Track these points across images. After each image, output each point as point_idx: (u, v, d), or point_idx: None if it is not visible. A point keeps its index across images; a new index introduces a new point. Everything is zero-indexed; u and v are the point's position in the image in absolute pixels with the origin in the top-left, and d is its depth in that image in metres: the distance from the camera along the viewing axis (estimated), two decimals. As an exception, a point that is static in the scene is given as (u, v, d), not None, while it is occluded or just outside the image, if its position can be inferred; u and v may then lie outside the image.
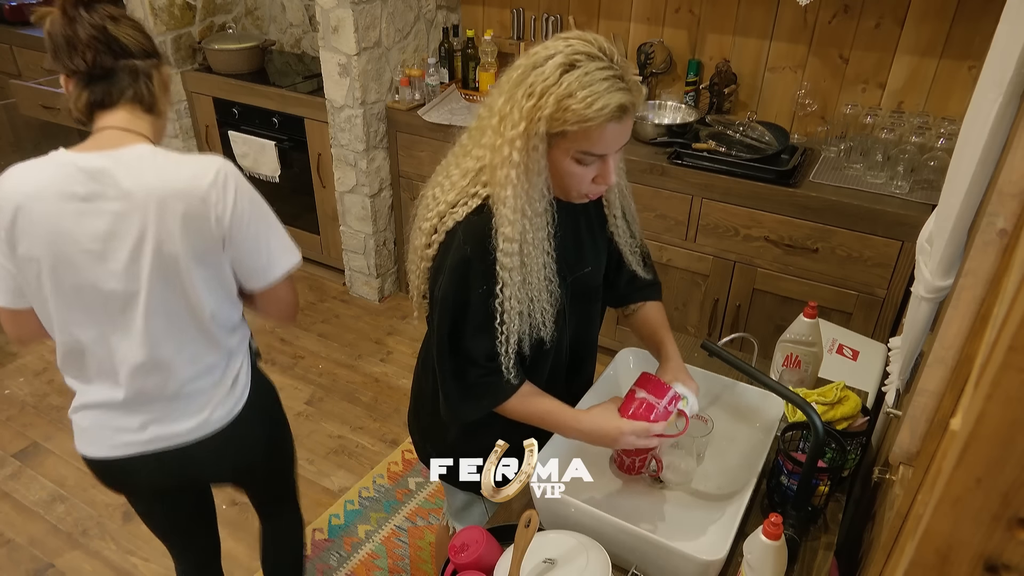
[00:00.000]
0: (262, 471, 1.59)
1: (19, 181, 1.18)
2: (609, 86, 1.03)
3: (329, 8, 2.84)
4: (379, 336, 3.25)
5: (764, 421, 1.41)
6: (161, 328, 1.27)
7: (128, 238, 1.19)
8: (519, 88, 1.06)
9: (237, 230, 1.26)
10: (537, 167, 1.09)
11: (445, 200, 1.17)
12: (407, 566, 2.19)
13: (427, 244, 1.19)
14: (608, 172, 1.12)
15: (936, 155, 2.26)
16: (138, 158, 1.21)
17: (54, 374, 2.97)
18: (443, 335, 1.19)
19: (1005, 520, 0.60)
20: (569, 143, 1.07)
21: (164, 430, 1.36)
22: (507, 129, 1.07)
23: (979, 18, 2.27)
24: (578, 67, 1.03)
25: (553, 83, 1.03)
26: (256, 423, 1.47)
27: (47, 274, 1.20)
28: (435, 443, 1.45)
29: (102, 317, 1.24)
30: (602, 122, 1.04)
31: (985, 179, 0.95)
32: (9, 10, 4.20)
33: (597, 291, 1.39)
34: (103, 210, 1.17)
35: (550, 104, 1.03)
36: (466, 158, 1.18)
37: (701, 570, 1.08)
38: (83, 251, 1.18)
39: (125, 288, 1.22)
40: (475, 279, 1.14)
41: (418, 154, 3.08)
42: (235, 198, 1.24)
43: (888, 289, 2.28)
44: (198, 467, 1.43)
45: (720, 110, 2.73)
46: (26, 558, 2.20)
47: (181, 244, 1.20)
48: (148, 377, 1.30)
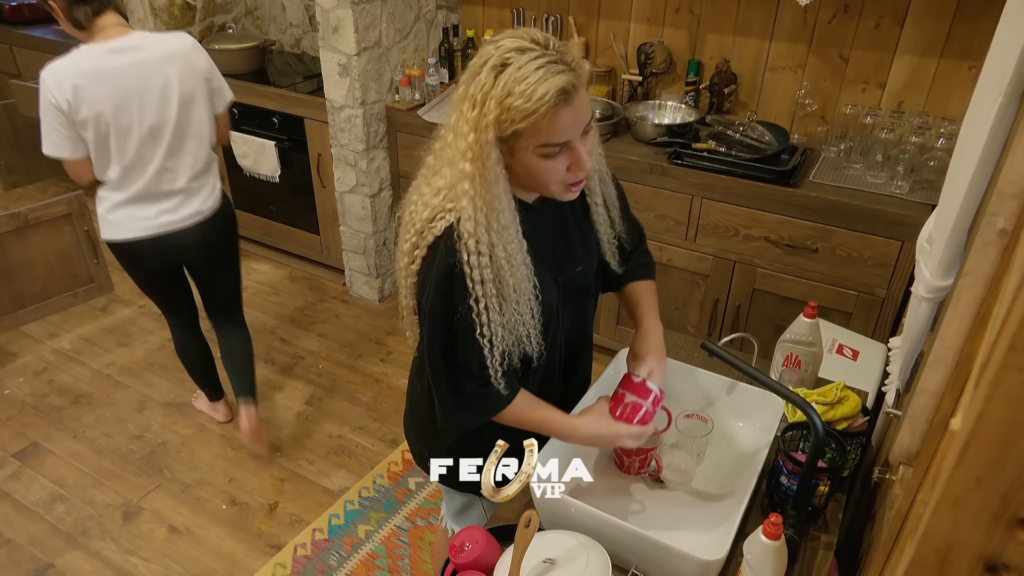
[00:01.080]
0: (222, 264, 2.38)
1: (69, 66, 1.89)
2: (544, 73, 1.01)
3: (329, 8, 2.84)
4: (379, 336, 3.25)
5: (764, 421, 1.41)
6: (177, 146, 2.09)
7: (157, 85, 1.99)
8: (464, 101, 1.06)
9: (210, 70, 2.13)
10: (493, 174, 1.07)
11: (421, 218, 1.16)
12: (407, 566, 2.19)
13: (410, 261, 1.19)
14: (579, 157, 1.09)
15: (936, 155, 2.26)
16: (141, 37, 2.00)
17: (54, 374, 2.97)
18: (434, 347, 1.19)
19: (1005, 520, 0.60)
20: (525, 140, 1.05)
21: (171, 216, 2.15)
22: (459, 142, 1.07)
23: (979, 18, 2.27)
24: (510, 64, 1.02)
25: (490, 87, 1.02)
26: (226, 217, 2.30)
27: (111, 121, 1.95)
28: (432, 447, 1.44)
29: (144, 142, 2.02)
30: (547, 110, 1.01)
31: (985, 179, 0.95)
32: (9, 10, 4.20)
33: (590, 288, 1.38)
34: (136, 70, 1.96)
35: (492, 109, 1.02)
36: (435, 176, 1.17)
37: (701, 570, 1.08)
38: (130, 98, 1.96)
39: (159, 119, 2.02)
40: (460, 291, 1.13)
41: (418, 154, 3.04)
42: (205, 53, 2.13)
43: (888, 289, 2.28)
44: (186, 246, 2.21)
45: (720, 110, 2.73)
46: (26, 558, 2.20)
47: (191, 84, 2.06)
48: (163, 179, 2.10)
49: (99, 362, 3.04)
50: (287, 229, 3.69)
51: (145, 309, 3.39)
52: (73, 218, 3.22)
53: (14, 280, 3.14)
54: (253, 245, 3.92)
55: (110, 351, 3.11)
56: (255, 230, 3.83)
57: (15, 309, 3.18)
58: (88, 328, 3.26)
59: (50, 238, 3.18)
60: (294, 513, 2.36)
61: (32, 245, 3.14)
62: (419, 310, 1.21)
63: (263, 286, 3.60)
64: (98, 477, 2.48)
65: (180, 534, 2.28)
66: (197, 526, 2.31)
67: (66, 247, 3.25)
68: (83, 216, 3.24)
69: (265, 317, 3.35)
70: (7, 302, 3.14)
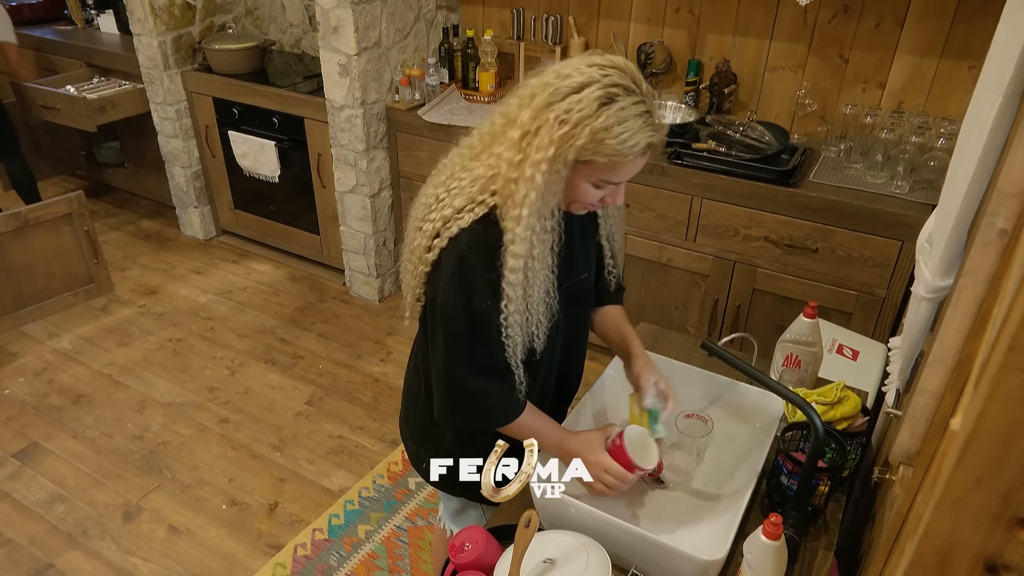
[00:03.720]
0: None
1: None
2: (643, 124, 1.06)
3: (329, 8, 2.84)
4: (379, 336, 3.25)
5: (764, 421, 1.41)
6: None
7: None
8: (550, 111, 1.06)
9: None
10: (555, 188, 1.10)
11: (452, 205, 1.15)
12: (407, 566, 2.19)
13: (427, 247, 1.18)
14: (619, 195, 1.17)
15: (936, 155, 2.26)
16: None
17: (54, 374, 2.97)
18: (451, 343, 1.18)
19: (1005, 520, 0.60)
20: (592, 171, 1.09)
21: None
22: (532, 151, 1.07)
23: (979, 18, 2.27)
24: (616, 102, 1.04)
25: (590, 115, 1.04)
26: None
27: None
28: (429, 447, 1.43)
29: None
30: (632, 158, 1.07)
31: (985, 179, 0.95)
32: (9, 10, 4.20)
33: (589, 296, 1.39)
34: None
35: (584, 135, 1.04)
36: (475, 162, 1.17)
37: (701, 570, 1.08)
38: None
39: None
40: (482, 290, 1.13)
41: (418, 154, 3.08)
42: None
43: (888, 289, 2.28)
44: None
45: (720, 110, 2.73)
46: (26, 558, 2.20)
47: None
48: None
49: (99, 362, 3.04)
50: (287, 229, 3.69)
51: (145, 309, 3.39)
52: (73, 218, 3.22)
53: (14, 280, 3.14)
54: (253, 245, 3.92)
55: (110, 351, 3.11)
56: (255, 230, 3.83)
57: (15, 309, 3.18)
58: (88, 328, 3.26)
59: (50, 238, 3.18)
60: (294, 513, 2.36)
61: (32, 245, 3.13)
62: (431, 303, 1.20)
63: (263, 286, 3.60)
64: (98, 477, 2.48)
65: (180, 534, 2.28)
66: (197, 526, 2.31)
67: (66, 247, 3.25)
68: (83, 216, 3.24)
69: (265, 317, 3.35)
70: (7, 302, 3.14)
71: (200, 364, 3.03)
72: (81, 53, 3.91)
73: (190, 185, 3.82)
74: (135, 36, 3.47)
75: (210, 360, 3.05)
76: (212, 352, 3.11)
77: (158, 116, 3.68)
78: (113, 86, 3.78)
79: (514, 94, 1.13)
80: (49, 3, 4.32)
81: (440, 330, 1.18)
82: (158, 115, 3.68)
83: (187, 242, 3.99)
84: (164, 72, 3.50)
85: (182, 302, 3.46)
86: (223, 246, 3.96)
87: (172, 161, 3.79)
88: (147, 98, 3.67)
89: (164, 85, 3.53)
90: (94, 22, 4.18)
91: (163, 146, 3.78)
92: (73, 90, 3.67)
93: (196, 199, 3.88)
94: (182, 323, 3.30)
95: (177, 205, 3.98)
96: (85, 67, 3.91)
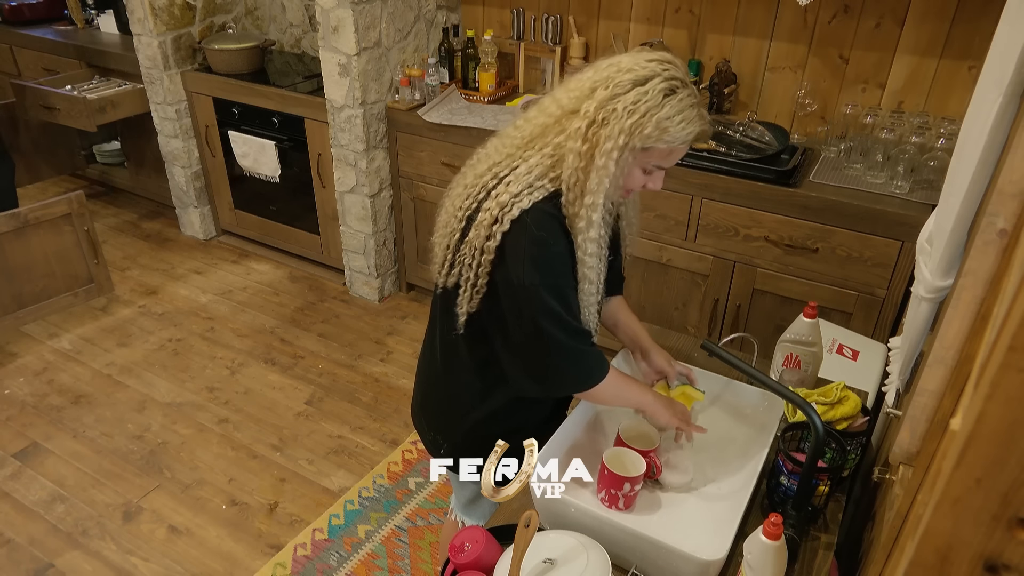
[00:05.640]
0: None
1: None
2: (697, 115, 1.16)
3: (329, 8, 2.84)
4: (379, 336, 3.25)
5: (764, 421, 1.41)
6: None
7: None
8: (616, 102, 1.13)
9: None
10: (621, 173, 1.18)
11: (508, 191, 1.20)
12: (407, 566, 2.19)
13: (488, 236, 1.19)
14: (661, 180, 1.25)
15: (936, 155, 2.26)
16: None
17: (54, 374, 2.97)
18: (543, 315, 1.20)
19: (1005, 520, 0.60)
20: (649, 157, 1.18)
21: None
22: (602, 140, 1.14)
23: (979, 18, 2.27)
24: (677, 93, 1.14)
25: (656, 105, 1.13)
26: None
27: None
28: (446, 432, 1.45)
29: None
30: (686, 145, 1.18)
31: (985, 179, 0.95)
32: (9, 10, 4.20)
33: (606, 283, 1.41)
34: None
35: (651, 124, 1.13)
36: (528, 151, 1.22)
37: (701, 570, 1.08)
38: None
39: None
40: (559, 264, 1.20)
41: (418, 154, 3.08)
42: None
43: (888, 289, 2.28)
44: None
45: (720, 110, 2.73)
46: (26, 558, 2.20)
47: None
48: None
49: (99, 362, 3.04)
50: (287, 229, 3.69)
51: (145, 309, 3.39)
52: (73, 218, 3.22)
53: (14, 280, 3.13)
54: (253, 245, 3.92)
55: (110, 351, 3.11)
56: (255, 230, 3.83)
57: (15, 309, 3.18)
58: (88, 328, 3.26)
59: (50, 238, 3.18)
60: (294, 513, 2.36)
61: (32, 245, 3.13)
62: (509, 288, 1.21)
63: (263, 286, 3.60)
64: (98, 477, 2.48)
65: (180, 534, 2.28)
66: (197, 526, 2.31)
67: (66, 247, 3.25)
68: (83, 216, 3.24)
69: (265, 317, 3.35)
70: (7, 302, 3.14)
71: (200, 364, 3.03)
72: (81, 53, 3.91)
73: (190, 185, 3.82)
74: (135, 36, 3.47)
75: (210, 360, 3.06)
76: (212, 352, 3.11)
77: (158, 116, 3.68)
78: (113, 86, 3.78)
79: (563, 88, 1.22)
80: (49, 3, 4.32)
81: (525, 308, 1.20)
82: (158, 115, 3.68)
83: (187, 242, 4.00)
84: (164, 72, 3.50)
85: (182, 302, 3.46)
86: (223, 246, 3.96)
87: (172, 161, 3.79)
88: (147, 98, 3.67)
89: (164, 85, 3.53)
90: (94, 22, 4.18)
91: (163, 146, 3.78)
92: (73, 90, 3.67)
93: (196, 199, 3.88)
94: (182, 323, 3.30)
95: (177, 205, 3.98)
96: (85, 67, 3.92)
